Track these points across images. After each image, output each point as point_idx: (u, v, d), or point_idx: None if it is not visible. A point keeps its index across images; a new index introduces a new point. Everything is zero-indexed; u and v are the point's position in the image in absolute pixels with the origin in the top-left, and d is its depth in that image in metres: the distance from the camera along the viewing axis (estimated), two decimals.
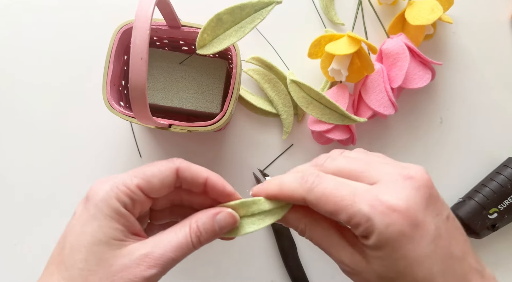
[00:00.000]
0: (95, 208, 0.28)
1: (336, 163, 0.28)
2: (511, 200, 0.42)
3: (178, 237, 0.29)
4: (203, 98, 0.43)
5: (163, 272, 0.29)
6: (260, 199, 0.29)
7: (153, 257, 0.28)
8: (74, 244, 0.28)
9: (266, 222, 0.29)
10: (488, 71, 0.48)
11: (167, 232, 0.29)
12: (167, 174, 0.30)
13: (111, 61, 0.38)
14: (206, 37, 0.35)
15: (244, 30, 0.34)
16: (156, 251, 0.28)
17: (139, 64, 0.28)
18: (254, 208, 0.30)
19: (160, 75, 0.43)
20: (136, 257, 0.28)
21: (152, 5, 0.29)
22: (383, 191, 0.26)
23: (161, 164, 0.30)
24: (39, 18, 0.49)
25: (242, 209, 0.30)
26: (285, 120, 0.46)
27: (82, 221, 0.28)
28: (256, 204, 0.29)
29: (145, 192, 0.29)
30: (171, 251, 0.29)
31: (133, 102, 0.30)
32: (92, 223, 0.28)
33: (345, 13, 0.49)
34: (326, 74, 0.44)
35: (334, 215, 0.26)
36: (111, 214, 0.28)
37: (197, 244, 0.30)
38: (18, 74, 0.48)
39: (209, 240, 0.30)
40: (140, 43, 0.28)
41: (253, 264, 0.46)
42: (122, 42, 0.39)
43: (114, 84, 0.39)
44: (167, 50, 0.44)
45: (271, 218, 0.29)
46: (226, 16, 0.34)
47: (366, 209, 0.25)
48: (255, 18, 0.34)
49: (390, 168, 0.27)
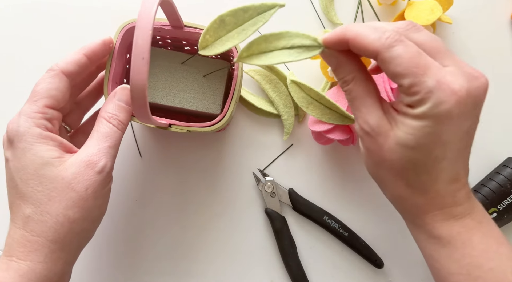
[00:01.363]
0: (22, 143, 0.31)
1: (420, 34, 0.29)
2: (510, 200, 0.43)
3: (104, 129, 0.33)
4: (204, 99, 0.43)
5: (109, 161, 0.32)
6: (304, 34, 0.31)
7: (92, 154, 0.32)
8: (23, 177, 0.31)
9: (303, 56, 0.31)
10: (487, 71, 0.48)
11: (92, 133, 0.33)
12: (57, 80, 0.33)
13: (113, 60, 0.38)
14: (208, 38, 0.35)
15: (247, 32, 0.34)
16: (91, 150, 0.32)
17: (140, 64, 0.28)
18: (295, 41, 0.31)
19: (161, 74, 0.43)
20: (79, 162, 0.31)
21: (155, 6, 0.29)
22: (452, 75, 0.27)
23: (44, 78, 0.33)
24: (40, 17, 0.49)
25: (283, 39, 0.31)
26: (286, 121, 0.46)
27: (18, 158, 0.31)
28: (299, 37, 0.31)
29: (53, 107, 0.33)
30: (106, 141, 0.32)
31: (134, 102, 0.30)
32: (27, 155, 0.31)
33: (345, 13, 0.49)
34: (325, 75, 0.44)
35: (399, 77, 0.27)
36: (38, 140, 0.31)
37: (119, 124, 0.34)
38: (17, 72, 0.48)
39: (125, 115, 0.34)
40: (142, 43, 0.28)
41: (253, 264, 0.46)
42: (125, 40, 0.39)
43: (116, 83, 0.39)
44: (169, 49, 0.44)
45: (308, 53, 0.31)
46: (229, 18, 0.34)
47: (432, 83, 0.26)
48: (258, 21, 0.34)
49: (464, 63, 0.29)
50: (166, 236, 0.46)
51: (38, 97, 0.32)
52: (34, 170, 0.31)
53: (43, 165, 0.31)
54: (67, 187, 0.30)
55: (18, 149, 0.31)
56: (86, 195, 0.31)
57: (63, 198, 0.30)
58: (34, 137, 0.31)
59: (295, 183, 0.47)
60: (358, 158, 0.47)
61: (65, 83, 0.34)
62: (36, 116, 0.32)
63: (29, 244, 0.30)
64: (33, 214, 0.30)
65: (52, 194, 0.30)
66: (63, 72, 0.33)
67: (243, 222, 0.46)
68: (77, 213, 0.31)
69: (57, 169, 0.31)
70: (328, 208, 0.46)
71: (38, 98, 0.32)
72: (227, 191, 0.47)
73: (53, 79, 0.33)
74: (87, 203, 0.31)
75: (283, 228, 0.45)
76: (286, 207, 0.47)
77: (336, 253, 0.46)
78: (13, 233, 0.31)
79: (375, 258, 0.45)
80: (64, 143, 0.33)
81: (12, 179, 0.32)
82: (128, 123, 0.35)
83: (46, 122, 0.32)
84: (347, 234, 0.45)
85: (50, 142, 0.32)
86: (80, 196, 0.31)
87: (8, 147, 0.32)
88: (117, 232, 0.46)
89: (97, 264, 0.45)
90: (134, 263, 0.46)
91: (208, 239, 0.46)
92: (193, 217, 0.47)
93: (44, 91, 0.32)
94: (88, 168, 0.31)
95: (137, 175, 0.47)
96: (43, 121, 0.32)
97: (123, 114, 0.34)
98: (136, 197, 0.47)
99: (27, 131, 0.31)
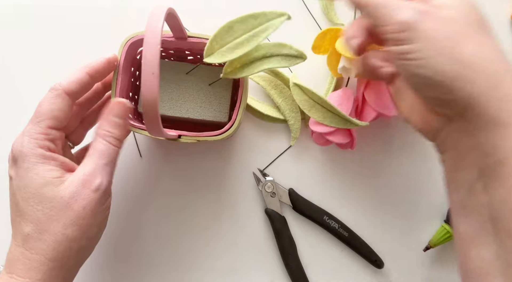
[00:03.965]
0: (26, 163, 0.32)
1: None
2: None
3: (99, 147, 0.33)
4: (210, 107, 0.43)
5: (105, 179, 0.33)
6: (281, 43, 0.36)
7: (88, 172, 0.32)
8: (24, 196, 0.32)
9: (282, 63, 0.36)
10: None
11: (89, 151, 0.34)
12: (60, 101, 0.34)
13: (118, 74, 0.38)
14: (215, 46, 0.35)
15: (258, 39, 0.34)
16: (87, 168, 0.33)
17: (151, 79, 0.28)
18: (273, 50, 0.35)
19: (167, 86, 0.43)
20: (76, 181, 0.32)
21: (162, 20, 0.30)
22: None
23: (47, 98, 0.34)
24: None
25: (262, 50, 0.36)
26: (293, 126, 0.46)
27: (21, 177, 0.32)
28: (276, 46, 0.35)
29: (56, 127, 0.34)
30: (101, 159, 0.33)
31: (146, 116, 0.30)
32: (29, 174, 0.32)
33: (345, 14, 0.49)
34: (332, 70, 0.43)
35: None
36: (40, 160, 0.32)
37: (115, 141, 0.34)
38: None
39: (121, 131, 0.34)
40: (152, 58, 0.28)
41: (253, 264, 0.46)
42: (129, 55, 0.39)
43: (122, 97, 0.39)
44: (172, 60, 0.45)
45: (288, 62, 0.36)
46: (237, 25, 0.34)
47: None
48: (268, 27, 0.34)
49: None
50: (166, 236, 0.46)
51: (41, 118, 0.33)
52: (35, 189, 0.31)
53: (43, 185, 0.31)
54: (65, 206, 0.31)
55: (22, 168, 0.32)
56: (84, 213, 0.32)
57: (62, 217, 0.31)
58: (37, 157, 0.32)
59: (295, 183, 0.47)
60: (359, 158, 0.47)
61: (67, 103, 0.34)
62: (39, 137, 0.33)
63: (28, 261, 0.31)
64: (33, 232, 0.31)
65: (51, 213, 0.31)
66: (65, 92, 0.34)
67: (243, 222, 0.47)
68: (75, 231, 0.31)
69: (57, 189, 0.32)
70: (328, 208, 0.46)
71: (41, 119, 0.33)
72: (227, 191, 0.47)
73: (55, 99, 0.34)
74: (85, 222, 0.32)
75: (283, 228, 0.45)
76: (286, 207, 0.47)
77: (336, 253, 0.46)
78: (14, 250, 0.32)
79: (375, 258, 0.45)
80: (66, 163, 0.34)
81: (14, 197, 0.33)
82: (125, 138, 0.36)
83: (49, 143, 0.33)
84: (347, 234, 0.45)
85: (52, 162, 0.33)
86: (78, 215, 0.31)
87: (13, 166, 0.33)
88: (117, 232, 0.46)
89: (96, 264, 0.45)
90: (133, 263, 0.46)
91: (208, 239, 0.46)
92: (193, 217, 0.47)
93: (47, 111, 0.33)
94: (84, 187, 0.32)
95: (137, 175, 0.47)
96: (46, 142, 0.33)
97: (118, 131, 0.34)
98: (136, 197, 0.47)
99: (30, 151, 0.32)
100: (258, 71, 0.36)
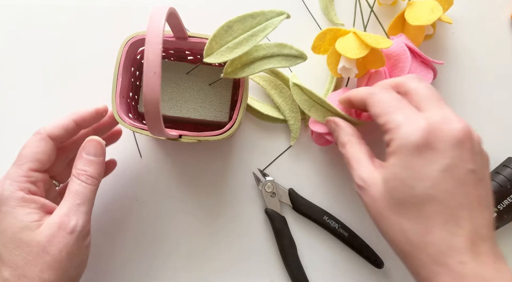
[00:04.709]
0: (5, 206, 0.32)
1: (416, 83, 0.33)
2: (510, 200, 0.43)
3: (73, 188, 0.33)
4: (211, 107, 0.43)
5: (80, 219, 0.33)
6: (281, 44, 0.36)
7: (63, 214, 0.32)
8: (3, 240, 0.32)
9: (283, 64, 0.36)
10: (487, 71, 0.48)
11: (66, 192, 0.34)
12: (43, 144, 0.34)
13: (119, 74, 0.38)
14: (214, 45, 0.35)
15: (256, 38, 0.34)
16: (62, 210, 0.33)
17: (152, 79, 0.29)
18: (274, 50, 0.36)
19: (167, 86, 0.43)
20: (52, 224, 0.32)
21: (163, 20, 0.30)
22: (426, 115, 0.30)
23: (30, 142, 0.34)
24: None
25: (262, 50, 0.36)
26: (293, 126, 0.46)
27: (0, 221, 0.32)
28: (277, 47, 0.36)
29: (38, 170, 0.34)
30: (76, 199, 0.33)
31: (147, 116, 0.30)
32: (7, 218, 0.32)
33: (345, 14, 0.49)
34: (332, 70, 0.44)
35: (377, 117, 0.32)
36: (20, 203, 0.32)
37: (89, 180, 0.34)
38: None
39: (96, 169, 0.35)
40: (153, 57, 0.28)
41: (253, 264, 0.46)
42: (129, 55, 0.39)
43: (123, 97, 0.39)
44: (172, 60, 0.45)
45: (288, 62, 0.36)
46: (236, 24, 0.34)
47: (400, 118, 0.30)
48: (267, 27, 0.34)
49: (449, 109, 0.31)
50: (166, 236, 0.46)
51: (23, 160, 0.34)
52: (13, 233, 0.32)
53: (21, 229, 0.32)
54: (42, 250, 0.31)
55: (1, 212, 0.32)
56: (60, 257, 0.32)
57: (39, 262, 0.31)
58: (16, 201, 0.32)
59: (295, 183, 0.47)
60: None
61: (51, 146, 0.35)
62: (21, 180, 0.33)
63: None
64: (11, 277, 0.31)
65: (28, 258, 0.31)
66: (49, 136, 0.35)
67: (243, 222, 0.47)
68: (53, 275, 0.31)
69: (33, 233, 0.32)
70: (328, 208, 0.46)
71: (24, 162, 0.34)
72: (227, 191, 0.47)
73: (39, 143, 0.34)
74: (62, 265, 0.32)
75: (283, 228, 0.45)
76: (286, 207, 0.47)
77: (336, 253, 0.46)
78: None
79: (375, 258, 0.45)
80: (46, 205, 0.34)
81: None
82: (101, 174, 0.36)
83: (30, 185, 0.33)
84: (347, 234, 0.45)
85: (32, 205, 0.33)
86: (55, 258, 0.31)
87: None
88: (117, 232, 0.46)
89: (96, 263, 0.45)
90: (133, 262, 0.46)
91: (208, 239, 0.46)
92: (193, 217, 0.47)
93: (29, 154, 0.34)
94: (60, 230, 0.32)
95: (137, 175, 0.47)
96: (27, 185, 0.33)
97: (92, 168, 0.34)
98: (136, 197, 0.47)
99: (11, 195, 0.32)
100: (259, 71, 0.36)
